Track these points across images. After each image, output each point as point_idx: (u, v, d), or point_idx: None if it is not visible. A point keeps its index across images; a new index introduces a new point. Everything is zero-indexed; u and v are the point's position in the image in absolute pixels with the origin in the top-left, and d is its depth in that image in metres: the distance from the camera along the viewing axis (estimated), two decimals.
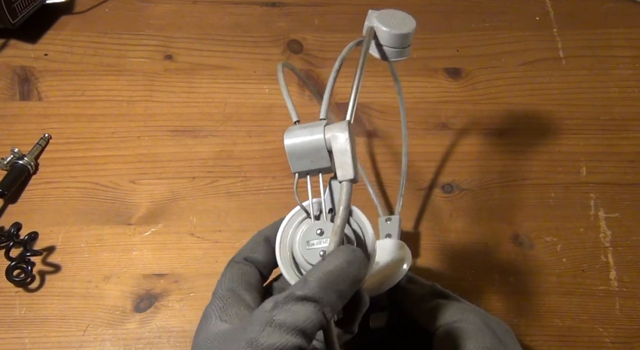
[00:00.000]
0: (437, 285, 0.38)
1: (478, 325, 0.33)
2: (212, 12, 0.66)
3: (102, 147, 0.57)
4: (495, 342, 0.32)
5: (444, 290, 0.37)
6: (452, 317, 0.34)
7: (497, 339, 0.32)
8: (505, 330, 0.35)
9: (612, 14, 0.68)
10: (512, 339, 0.34)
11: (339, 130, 0.28)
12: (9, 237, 0.49)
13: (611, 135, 0.60)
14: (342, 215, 0.27)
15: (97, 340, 0.48)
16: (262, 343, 0.25)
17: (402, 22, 0.37)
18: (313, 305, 0.26)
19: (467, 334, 0.32)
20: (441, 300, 0.36)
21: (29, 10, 0.61)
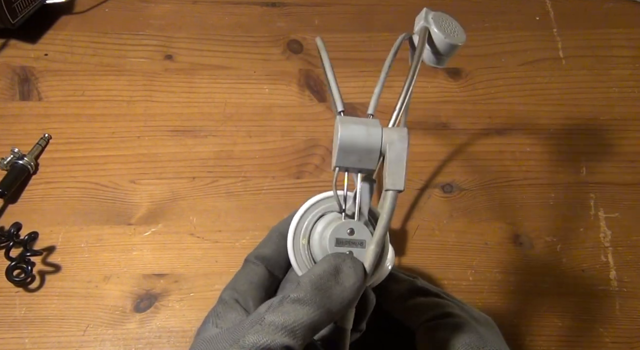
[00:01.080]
0: (417, 282, 0.36)
1: (458, 321, 0.32)
2: (212, 12, 0.66)
3: (102, 147, 0.57)
4: (475, 339, 0.31)
5: (424, 286, 0.36)
6: (432, 314, 0.33)
7: (478, 335, 0.31)
8: (488, 325, 0.34)
9: (612, 14, 0.68)
10: (495, 335, 0.34)
11: (398, 138, 0.26)
12: (9, 237, 0.49)
13: (611, 135, 0.60)
14: (384, 225, 0.26)
15: (97, 340, 0.48)
16: (246, 341, 0.25)
17: (455, 31, 0.35)
18: (306, 307, 0.25)
19: (448, 330, 0.32)
20: (421, 298, 0.35)
21: (29, 10, 0.61)
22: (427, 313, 0.33)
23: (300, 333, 0.25)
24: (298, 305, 0.25)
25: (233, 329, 0.27)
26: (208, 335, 0.28)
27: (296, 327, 0.25)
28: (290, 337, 0.25)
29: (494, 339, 0.32)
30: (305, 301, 0.25)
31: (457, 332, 0.31)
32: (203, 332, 0.29)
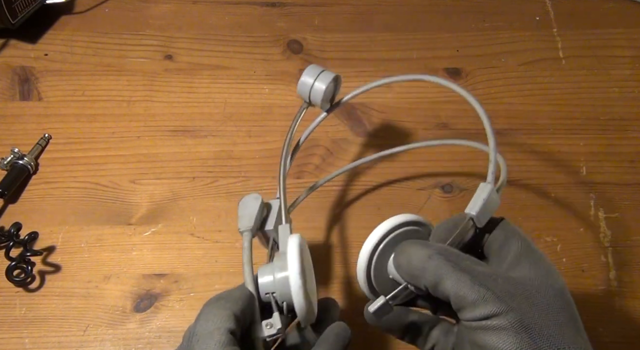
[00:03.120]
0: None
1: (503, 324, 0.28)
2: (212, 12, 0.66)
3: (102, 147, 0.57)
4: (525, 342, 0.27)
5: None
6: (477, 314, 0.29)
7: (528, 336, 0.27)
8: (549, 304, 0.29)
9: (612, 14, 0.68)
10: (552, 320, 0.28)
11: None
12: (9, 237, 0.49)
13: (611, 135, 0.60)
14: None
15: (97, 340, 0.48)
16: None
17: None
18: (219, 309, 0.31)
19: (490, 334, 0.28)
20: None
21: (29, 10, 0.61)
22: (470, 309, 0.28)
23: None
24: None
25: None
26: None
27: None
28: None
29: (550, 332, 0.27)
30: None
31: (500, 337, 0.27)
32: None
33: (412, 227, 0.34)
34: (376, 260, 0.33)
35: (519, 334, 0.26)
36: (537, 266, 0.30)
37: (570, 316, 0.28)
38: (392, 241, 0.33)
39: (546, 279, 0.30)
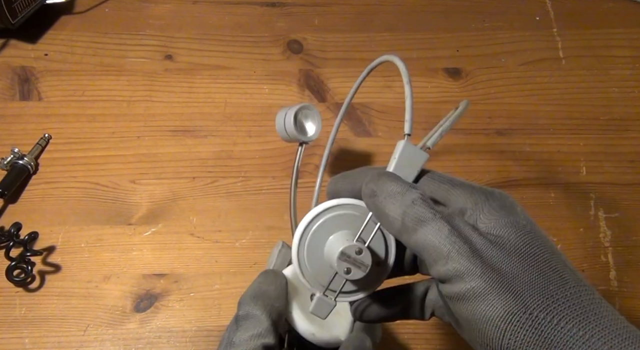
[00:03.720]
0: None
1: (479, 287, 0.25)
2: (212, 12, 0.66)
3: (102, 147, 0.57)
4: (511, 303, 0.24)
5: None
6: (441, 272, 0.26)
7: (512, 296, 0.24)
8: (525, 251, 0.26)
9: (612, 14, 0.68)
10: (534, 268, 0.25)
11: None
12: (9, 237, 0.49)
13: (611, 135, 0.60)
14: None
15: (97, 340, 0.48)
16: None
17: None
18: (257, 316, 0.31)
19: (468, 301, 0.25)
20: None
21: (29, 10, 0.61)
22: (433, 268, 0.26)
23: (266, 333, 0.31)
24: (248, 320, 0.31)
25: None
26: None
27: (260, 331, 0.31)
28: (261, 338, 0.30)
29: (535, 286, 0.25)
30: (251, 312, 0.32)
31: (481, 303, 0.25)
32: None
33: (347, 211, 0.30)
34: (309, 246, 0.30)
35: (502, 295, 0.24)
36: (504, 213, 0.28)
37: (549, 256, 0.26)
38: (326, 224, 0.30)
39: (508, 216, 0.27)
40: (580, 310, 0.24)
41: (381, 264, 0.30)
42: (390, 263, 0.30)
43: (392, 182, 0.27)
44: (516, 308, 0.24)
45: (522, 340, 0.24)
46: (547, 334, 0.24)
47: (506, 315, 0.24)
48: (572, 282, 0.25)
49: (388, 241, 0.30)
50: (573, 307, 0.24)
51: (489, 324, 0.24)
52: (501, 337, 0.24)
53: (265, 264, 0.53)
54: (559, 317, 0.24)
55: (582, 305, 0.24)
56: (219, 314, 0.50)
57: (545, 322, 0.24)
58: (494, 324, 0.24)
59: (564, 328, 0.24)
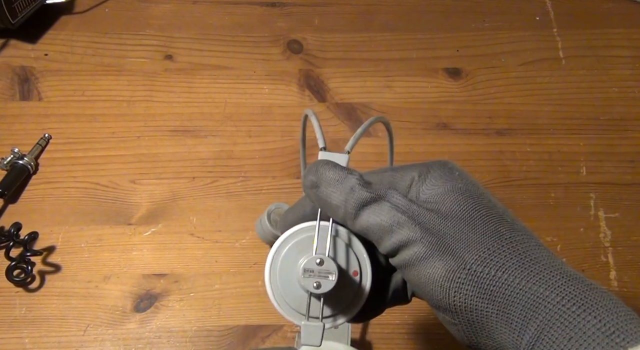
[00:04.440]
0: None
1: (421, 252, 0.26)
2: (212, 12, 0.66)
3: (102, 147, 0.57)
4: (450, 261, 0.25)
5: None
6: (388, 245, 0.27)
7: (451, 256, 0.26)
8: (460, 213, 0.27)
9: (612, 14, 0.68)
10: (467, 219, 0.27)
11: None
12: (9, 237, 0.49)
13: (611, 135, 0.60)
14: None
15: (97, 340, 0.48)
16: None
17: None
18: None
19: (414, 267, 0.26)
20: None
21: (29, 10, 0.61)
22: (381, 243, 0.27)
23: None
24: None
25: None
26: None
27: None
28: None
29: (468, 242, 0.26)
30: None
31: (424, 266, 0.26)
32: None
33: (305, 234, 0.30)
34: (282, 282, 0.29)
35: (442, 256, 0.25)
36: (442, 181, 0.28)
37: (484, 213, 0.27)
38: (289, 255, 0.29)
39: (446, 183, 0.28)
40: (516, 258, 0.25)
41: (359, 273, 0.29)
42: (367, 268, 0.29)
43: (329, 170, 0.28)
44: (455, 265, 0.25)
45: (466, 295, 0.25)
46: (487, 286, 0.24)
47: (447, 274, 0.25)
48: (507, 233, 0.26)
49: (355, 248, 0.29)
50: (509, 256, 0.25)
51: (435, 284, 0.25)
52: (447, 296, 0.25)
53: (263, 266, 0.53)
54: (495, 268, 0.25)
55: (518, 253, 0.25)
56: (219, 314, 0.50)
57: (483, 274, 0.25)
58: (438, 284, 0.25)
59: (501, 278, 0.24)
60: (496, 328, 0.25)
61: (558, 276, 0.24)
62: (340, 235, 0.29)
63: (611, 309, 0.23)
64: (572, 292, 0.24)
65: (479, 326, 0.25)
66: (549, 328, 0.23)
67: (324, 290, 0.27)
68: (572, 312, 0.23)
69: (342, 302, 0.29)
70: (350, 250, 0.29)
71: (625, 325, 0.22)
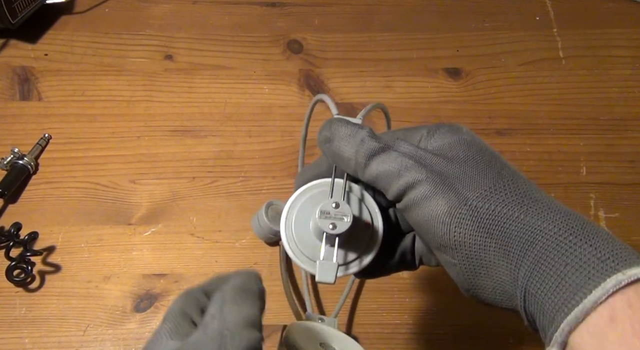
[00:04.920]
0: None
1: (425, 191, 0.27)
2: (212, 12, 0.66)
3: (102, 147, 0.57)
4: (453, 199, 0.26)
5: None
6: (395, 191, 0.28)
7: (453, 192, 0.26)
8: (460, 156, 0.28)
9: (612, 14, 0.68)
10: (468, 161, 0.28)
11: None
12: (9, 237, 0.49)
13: (611, 135, 0.60)
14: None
15: (97, 340, 0.48)
16: (232, 343, 0.26)
17: None
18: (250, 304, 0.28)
19: (418, 207, 0.27)
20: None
21: (29, 10, 0.61)
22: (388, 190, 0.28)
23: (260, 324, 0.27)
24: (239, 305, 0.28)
25: (199, 337, 0.27)
26: (169, 347, 0.27)
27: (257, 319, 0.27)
28: (259, 330, 0.27)
29: (473, 181, 0.26)
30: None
31: (429, 204, 0.27)
32: (159, 346, 0.28)
33: (320, 189, 0.32)
34: (297, 232, 0.31)
35: (445, 194, 0.26)
36: (450, 134, 0.30)
37: (488, 159, 0.28)
38: (305, 207, 0.31)
39: (453, 136, 0.29)
40: (516, 196, 0.26)
41: (370, 226, 0.31)
42: (378, 222, 0.31)
43: (342, 126, 0.30)
44: (457, 202, 0.26)
45: (466, 230, 0.25)
46: (485, 220, 0.25)
47: (449, 209, 0.26)
48: (509, 176, 0.27)
49: (367, 203, 0.31)
50: (509, 194, 0.26)
51: (437, 221, 0.26)
52: (448, 232, 0.26)
53: (263, 266, 0.53)
54: (495, 204, 0.25)
55: (518, 192, 0.26)
56: None
57: (483, 209, 0.25)
58: (440, 220, 0.26)
59: (500, 212, 0.25)
60: (494, 263, 0.25)
61: (556, 212, 0.25)
62: (354, 191, 0.31)
63: (607, 239, 0.23)
64: (569, 224, 0.24)
65: (478, 263, 0.26)
66: (545, 257, 0.24)
67: (339, 230, 0.29)
68: (568, 241, 0.23)
69: (355, 251, 0.30)
70: (363, 204, 0.31)
71: (619, 253, 0.23)
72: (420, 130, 0.30)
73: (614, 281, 0.22)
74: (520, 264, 0.24)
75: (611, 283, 0.22)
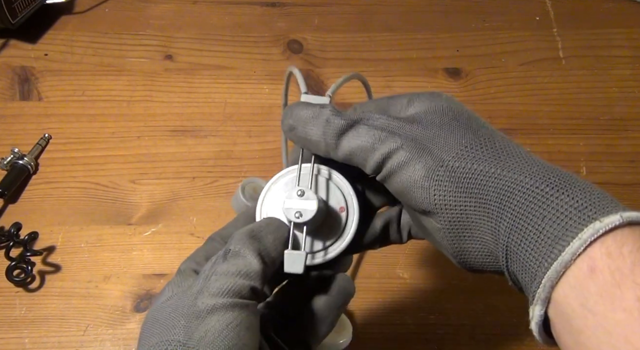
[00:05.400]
0: None
1: (404, 157, 0.27)
2: (212, 12, 0.66)
3: (102, 147, 0.57)
4: (430, 162, 0.26)
5: None
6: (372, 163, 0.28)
7: (431, 157, 0.26)
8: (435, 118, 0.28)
9: (612, 14, 0.68)
10: (443, 123, 0.27)
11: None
12: (9, 237, 0.49)
13: (611, 135, 0.60)
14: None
15: (97, 340, 0.48)
16: (211, 288, 0.25)
17: None
18: (248, 255, 0.27)
19: (398, 175, 0.27)
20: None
21: (29, 10, 0.61)
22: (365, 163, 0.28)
23: (255, 276, 0.26)
24: (239, 258, 0.27)
25: (187, 289, 0.27)
26: (163, 299, 0.28)
27: (249, 271, 0.26)
28: (250, 280, 0.26)
29: (447, 143, 0.26)
30: (243, 251, 0.27)
31: (408, 170, 0.26)
32: (161, 299, 0.28)
33: (291, 175, 0.32)
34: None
35: (421, 158, 0.26)
36: (429, 101, 0.29)
37: (465, 121, 0.28)
38: (275, 193, 0.31)
39: (431, 102, 0.29)
40: (492, 151, 0.25)
41: (345, 209, 0.30)
42: (354, 206, 0.30)
43: (303, 109, 0.29)
44: (434, 164, 0.26)
45: (445, 192, 0.25)
46: (463, 179, 0.25)
47: (427, 173, 0.25)
48: (486, 135, 0.27)
49: (341, 187, 0.31)
50: (485, 151, 0.25)
51: (416, 186, 0.26)
52: (429, 196, 0.26)
53: None
54: (472, 162, 0.25)
55: (495, 148, 0.26)
56: None
57: (460, 169, 0.25)
58: (419, 186, 0.26)
59: (477, 169, 0.25)
60: (477, 223, 0.25)
61: (534, 165, 0.24)
62: (329, 176, 0.31)
63: (585, 189, 0.23)
64: (546, 176, 0.24)
65: (461, 225, 0.25)
66: (523, 211, 0.23)
67: (304, 219, 0.28)
68: (545, 193, 0.23)
69: (331, 237, 0.30)
70: (337, 188, 0.31)
71: (597, 202, 0.22)
72: (401, 99, 0.30)
73: (592, 230, 0.21)
74: (499, 221, 0.24)
75: (588, 232, 0.21)
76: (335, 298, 0.31)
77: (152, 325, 0.28)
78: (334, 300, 0.31)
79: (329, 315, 0.31)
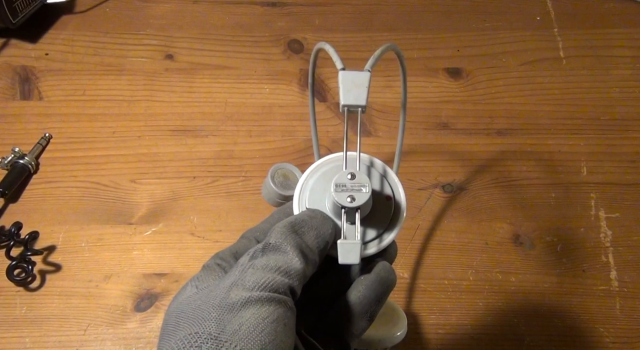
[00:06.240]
0: None
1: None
2: (212, 12, 0.66)
3: (103, 146, 0.57)
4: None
5: None
6: None
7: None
8: None
9: (612, 14, 0.68)
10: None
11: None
12: (10, 236, 0.49)
13: (611, 135, 0.60)
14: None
15: (98, 340, 0.48)
16: (247, 281, 0.24)
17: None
18: (288, 250, 0.25)
19: None
20: None
21: (30, 10, 0.61)
22: None
23: (295, 275, 0.25)
24: (279, 253, 0.25)
25: (219, 281, 0.26)
26: (188, 294, 0.26)
27: (289, 269, 0.25)
28: (289, 278, 0.25)
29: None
30: (284, 246, 0.25)
31: None
32: (180, 295, 0.27)
33: (333, 164, 0.30)
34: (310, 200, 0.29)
35: None
36: None
37: None
38: (319, 183, 0.29)
39: None
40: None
41: (391, 199, 0.28)
42: (400, 195, 0.29)
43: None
44: None
45: None
46: None
47: None
48: None
49: (388, 177, 0.29)
50: None
51: None
52: None
53: None
54: None
55: None
56: None
57: None
58: None
59: None
60: None
61: None
62: (370, 163, 0.29)
63: None
64: None
65: None
66: None
67: (358, 203, 0.26)
68: None
69: (380, 226, 0.28)
70: (381, 176, 0.29)
71: None
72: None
73: None
74: None
75: None
76: (374, 290, 0.28)
77: (178, 318, 0.25)
78: (374, 292, 0.28)
79: (368, 309, 0.28)
